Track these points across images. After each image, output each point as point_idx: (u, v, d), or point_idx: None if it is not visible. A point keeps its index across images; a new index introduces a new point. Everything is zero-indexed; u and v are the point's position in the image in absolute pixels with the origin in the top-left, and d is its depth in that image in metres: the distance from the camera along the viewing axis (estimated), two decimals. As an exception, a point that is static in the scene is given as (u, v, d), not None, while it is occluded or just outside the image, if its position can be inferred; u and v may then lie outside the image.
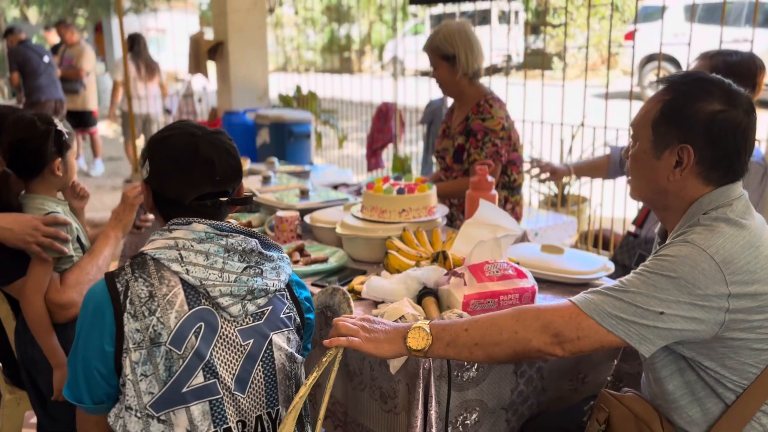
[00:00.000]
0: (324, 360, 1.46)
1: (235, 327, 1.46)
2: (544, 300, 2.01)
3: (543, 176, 2.96)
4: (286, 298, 1.57)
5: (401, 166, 5.05)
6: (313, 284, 2.14)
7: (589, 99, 4.03)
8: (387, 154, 5.70)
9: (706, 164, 1.49)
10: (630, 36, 9.43)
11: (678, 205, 1.55)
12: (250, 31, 5.50)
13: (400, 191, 2.40)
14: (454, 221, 2.95)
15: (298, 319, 1.59)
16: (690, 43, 3.04)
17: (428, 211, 2.43)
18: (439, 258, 2.03)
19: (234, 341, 1.46)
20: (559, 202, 4.14)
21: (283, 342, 1.53)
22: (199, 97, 7.82)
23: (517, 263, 2.13)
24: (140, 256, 1.46)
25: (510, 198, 3.03)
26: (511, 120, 2.98)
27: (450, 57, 2.92)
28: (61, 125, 2.07)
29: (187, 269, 1.42)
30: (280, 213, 2.58)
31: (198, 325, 1.42)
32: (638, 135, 1.59)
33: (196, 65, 5.63)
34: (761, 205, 2.32)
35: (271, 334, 1.51)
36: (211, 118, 5.70)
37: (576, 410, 1.81)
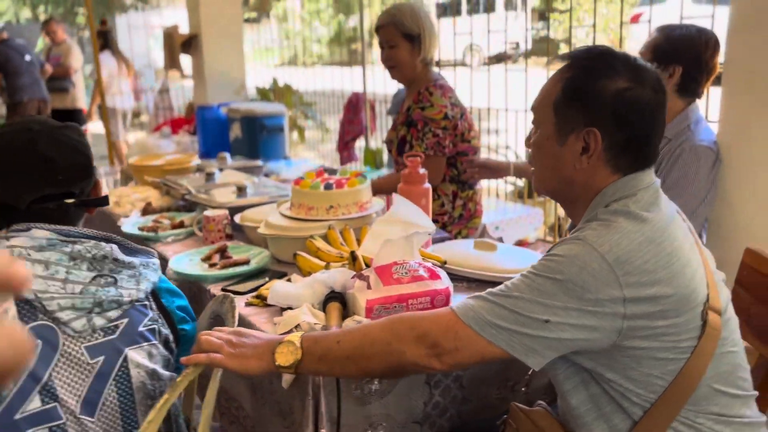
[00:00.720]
0: (179, 380, 1.31)
1: (81, 343, 1.32)
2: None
3: (476, 176, 2.77)
4: (150, 308, 1.42)
5: (373, 159, 4.88)
6: (223, 289, 1.99)
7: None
8: (360, 147, 5.53)
9: (615, 150, 1.33)
10: (635, 19, 9.15)
11: (586, 196, 1.38)
12: (224, 24, 5.36)
13: (328, 186, 2.24)
14: None
15: (165, 331, 1.44)
16: (650, 21, 2.84)
17: (359, 207, 2.27)
18: (349, 259, 1.88)
19: (79, 359, 1.31)
20: (525, 193, 3.93)
21: (142, 358, 1.38)
22: None
23: (445, 262, 1.97)
24: (-28, 267, 1.32)
25: (460, 193, 2.80)
26: (461, 108, 2.77)
27: (414, 37, 2.73)
28: None
29: None
30: (207, 212, 2.44)
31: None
32: (540, 119, 1.42)
33: (171, 60, 5.50)
34: (712, 194, 2.11)
35: (126, 349, 1.36)
36: (188, 113, 5.56)
37: (496, 423, 1.65)
